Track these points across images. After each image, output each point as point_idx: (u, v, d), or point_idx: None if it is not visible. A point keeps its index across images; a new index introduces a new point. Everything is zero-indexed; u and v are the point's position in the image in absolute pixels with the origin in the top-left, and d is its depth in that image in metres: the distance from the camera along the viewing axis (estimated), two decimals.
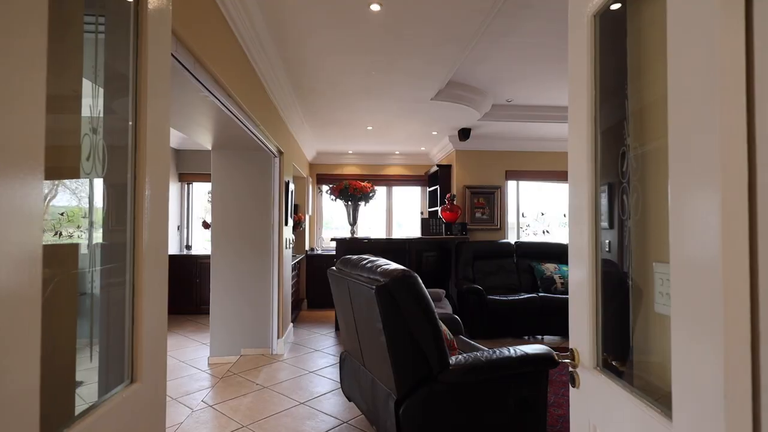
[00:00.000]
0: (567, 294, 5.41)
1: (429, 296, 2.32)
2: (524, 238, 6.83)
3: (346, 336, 2.99)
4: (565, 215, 7.00)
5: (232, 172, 4.54)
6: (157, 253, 1.18)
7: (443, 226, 6.19)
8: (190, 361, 4.33)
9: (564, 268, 5.78)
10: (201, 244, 7.21)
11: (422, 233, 6.45)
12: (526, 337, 5.40)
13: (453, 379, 2.25)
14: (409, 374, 2.23)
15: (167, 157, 1.25)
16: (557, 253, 6.04)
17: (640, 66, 1.18)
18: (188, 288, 6.47)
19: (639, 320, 1.22)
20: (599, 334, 1.22)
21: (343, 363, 3.14)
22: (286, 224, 4.90)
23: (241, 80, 3.05)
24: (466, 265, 5.87)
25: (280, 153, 4.68)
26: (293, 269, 6.05)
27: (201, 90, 2.60)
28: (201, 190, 7.26)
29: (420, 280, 2.30)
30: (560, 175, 6.66)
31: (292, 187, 5.33)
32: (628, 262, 1.23)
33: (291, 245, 5.42)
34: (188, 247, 7.12)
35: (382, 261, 2.55)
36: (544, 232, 7.01)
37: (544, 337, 5.43)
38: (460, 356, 2.39)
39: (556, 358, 2.53)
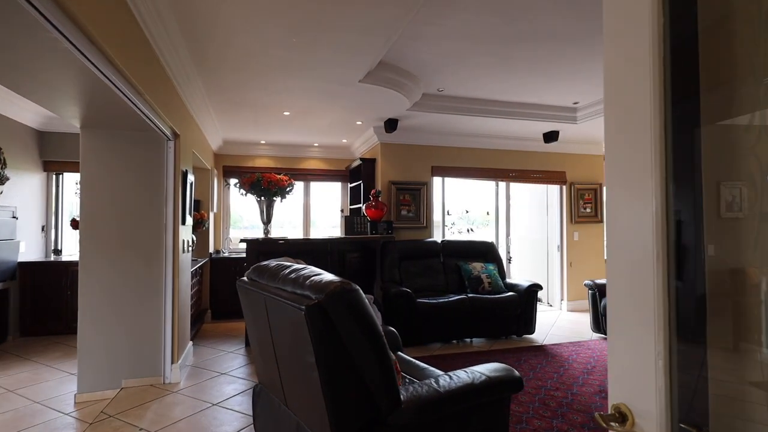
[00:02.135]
0: (494, 294, 5.31)
1: (374, 314, 1.80)
2: (449, 237, 6.62)
3: (262, 365, 2.35)
4: (488, 213, 6.92)
5: (109, 157, 3.59)
6: None
7: (368, 224, 5.71)
8: (48, 401, 3.32)
9: (490, 267, 5.63)
10: (74, 247, 5.92)
11: (345, 232, 5.91)
12: (455, 341, 5.14)
13: (406, 421, 1.75)
14: (351, 419, 1.69)
15: None
16: (483, 251, 5.90)
17: None
18: (56, 302, 5.23)
19: (729, 366, 0.82)
20: (674, 388, 0.80)
21: (258, 398, 2.49)
22: (184, 223, 4.04)
23: (114, 27, 2.26)
24: (392, 266, 5.46)
25: (176, 136, 3.83)
26: (194, 276, 5.14)
27: (47, 29, 1.81)
28: (74, 182, 5.97)
29: (362, 294, 1.77)
30: (485, 173, 6.54)
31: (191, 178, 4.46)
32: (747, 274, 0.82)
33: (191, 248, 4.55)
34: (57, 252, 5.80)
35: (310, 270, 1.97)
36: (468, 231, 6.87)
37: (473, 340, 5.21)
38: (411, 387, 1.90)
39: (521, 378, 2.16)
